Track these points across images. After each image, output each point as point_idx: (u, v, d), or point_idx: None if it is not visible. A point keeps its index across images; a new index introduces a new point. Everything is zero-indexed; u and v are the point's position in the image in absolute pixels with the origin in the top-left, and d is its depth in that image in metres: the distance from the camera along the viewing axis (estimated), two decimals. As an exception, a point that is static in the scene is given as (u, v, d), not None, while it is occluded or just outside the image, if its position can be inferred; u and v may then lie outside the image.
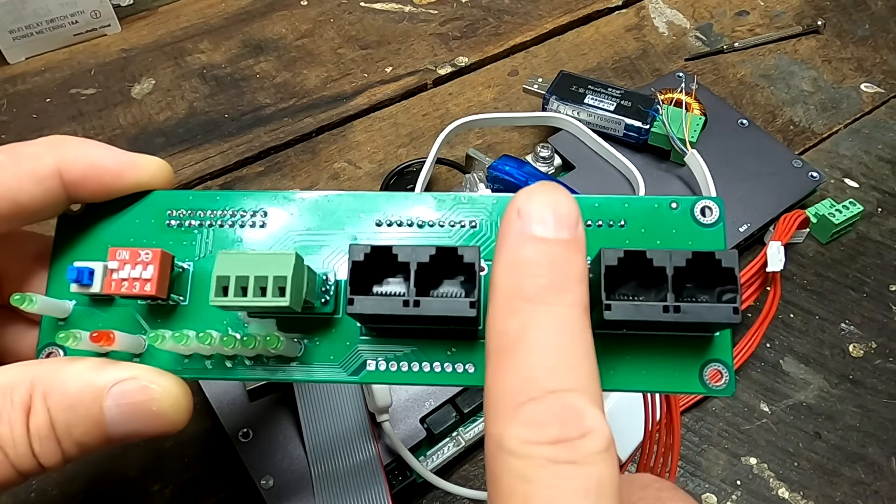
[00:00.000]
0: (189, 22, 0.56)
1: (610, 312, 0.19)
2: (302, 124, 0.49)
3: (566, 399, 0.15)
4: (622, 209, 0.22)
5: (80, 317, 0.22)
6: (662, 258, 0.19)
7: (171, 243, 0.23)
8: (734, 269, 0.19)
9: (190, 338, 0.20)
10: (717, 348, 0.21)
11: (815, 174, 0.43)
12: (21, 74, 0.52)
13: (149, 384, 0.20)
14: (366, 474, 0.31)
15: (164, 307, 0.22)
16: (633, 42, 0.56)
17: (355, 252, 0.19)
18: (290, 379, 0.22)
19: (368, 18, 0.57)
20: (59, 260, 0.23)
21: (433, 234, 0.22)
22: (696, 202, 0.22)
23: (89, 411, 0.19)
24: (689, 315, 0.19)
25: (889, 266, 0.44)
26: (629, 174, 0.42)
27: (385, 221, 0.22)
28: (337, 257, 0.22)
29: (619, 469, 0.34)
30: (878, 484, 0.35)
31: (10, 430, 0.18)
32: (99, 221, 0.23)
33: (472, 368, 0.21)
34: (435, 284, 0.20)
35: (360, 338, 0.22)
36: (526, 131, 0.50)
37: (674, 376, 0.21)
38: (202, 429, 0.35)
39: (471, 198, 0.22)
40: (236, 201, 0.23)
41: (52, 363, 0.20)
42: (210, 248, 0.22)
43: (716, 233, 0.21)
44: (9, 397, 0.18)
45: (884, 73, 0.55)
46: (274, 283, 0.19)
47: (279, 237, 0.22)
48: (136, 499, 0.33)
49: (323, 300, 0.21)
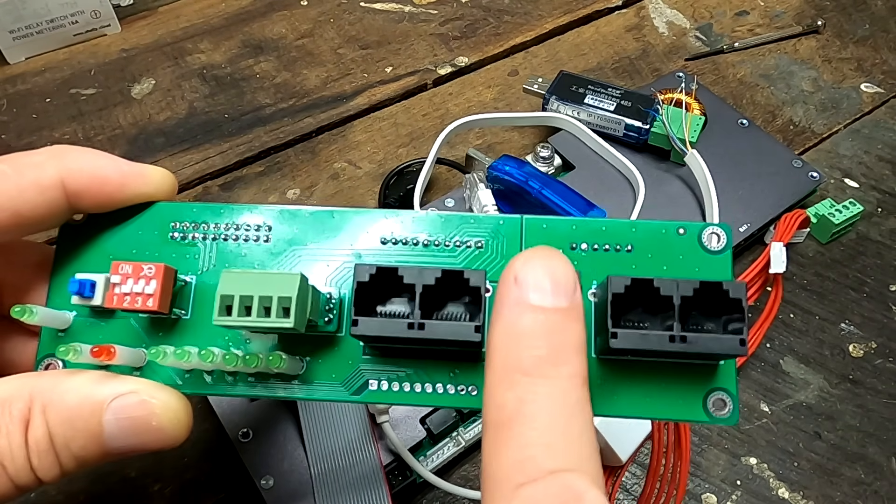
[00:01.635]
0: (189, 22, 0.56)
1: (616, 341, 0.19)
2: (302, 124, 0.49)
3: (566, 480, 0.15)
4: (629, 234, 0.22)
5: (81, 328, 0.22)
6: (670, 287, 0.19)
7: (173, 256, 0.22)
8: (741, 300, 0.19)
9: (192, 354, 0.20)
10: (721, 377, 0.21)
11: (815, 174, 0.43)
12: (21, 74, 0.52)
13: (149, 399, 0.19)
14: (366, 475, 0.31)
15: (165, 321, 0.22)
16: (633, 42, 0.56)
17: (360, 272, 0.19)
18: (291, 397, 0.21)
19: (368, 18, 0.57)
20: (60, 270, 0.22)
21: (439, 254, 0.22)
22: (703, 228, 0.21)
23: (88, 425, 0.19)
24: (695, 346, 0.18)
25: (889, 266, 0.44)
26: (629, 174, 0.42)
27: (390, 240, 0.22)
28: (341, 274, 0.22)
29: (621, 469, 0.34)
30: (878, 484, 0.35)
31: (8, 443, 0.18)
32: (101, 232, 0.23)
33: (475, 391, 0.21)
34: (439, 306, 0.20)
35: (363, 357, 0.21)
36: (526, 131, 0.50)
37: (677, 404, 0.20)
38: (202, 429, 0.35)
39: (477, 218, 0.22)
40: (240, 215, 0.23)
41: (52, 376, 0.19)
42: (213, 262, 0.22)
43: (723, 260, 0.21)
44: (7, 410, 0.18)
45: (884, 73, 0.55)
46: (278, 303, 0.19)
47: (283, 253, 0.22)
48: (136, 499, 0.33)
49: (326, 319, 0.21)
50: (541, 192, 0.39)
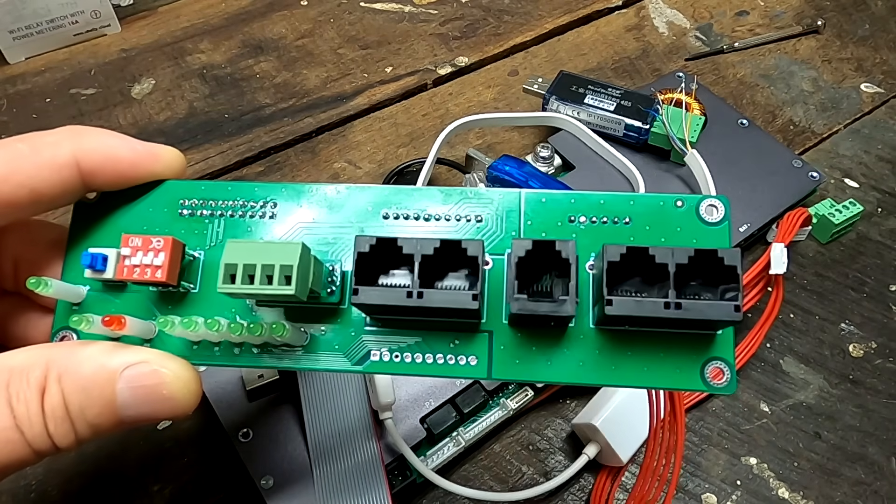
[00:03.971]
0: (189, 22, 0.56)
1: (611, 308, 0.19)
2: (302, 124, 0.49)
3: None
4: (627, 206, 0.22)
5: (94, 302, 0.23)
6: (665, 255, 0.19)
7: (182, 232, 0.23)
8: (736, 267, 0.19)
9: (198, 324, 0.20)
10: (719, 346, 0.21)
11: (815, 174, 0.43)
12: (21, 74, 0.52)
13: (160, 368, 0.20)
14: (366, 474, 0.31)
15: (174, 294, 0.22)
16: (633, 42, 0.56)
17: (361, 243, 0.20)
18: (295, 367, 0.22)
19: (368, 18, 0.57)
20: (74, 246, 0.23)
21: (439, 228, 0.22)
22: (701, 200, 0.22)
23: (102, 393, 0.19)
24: (690, 312, 0.19)
25: (889, 266, 0.44)
26: (629, 174, 0.42)
27: (392, 214, 0.23)
28: (344, 248, 0.22)
29: (622, 469, 0.34)
30: (878, 484, 0.35)
31: (26, 409, 0.19)
32: (114, 209, 0.23)
33: (475, 361, 0.21)
34: (440, 277, 0.20)
35: (365, 328, 0.22)
36: (526, 131, 0.50)
37: (675, 373, 0.21)
38: (202, 429, 0.35)
39: (477, 192, 0.23)
40: (248, 192, 0.23)
41: (67, 346, 0.20)
42: (221, 238, 0.23)
43: (721, 231, 0.21)
44: (25, 378, 0.19)
45: (884, 73, 0.55)
46: (280, 271, 0.19)
47: (288, 228, 0.23)
48: (136, 499, 0.33)
49: (329, 290, 0.22)
50: (541, 192, 0.39)
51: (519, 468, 0.35)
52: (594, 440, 0.34)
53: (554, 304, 0.19)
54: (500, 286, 0.22)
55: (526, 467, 0.35)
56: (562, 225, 0.22)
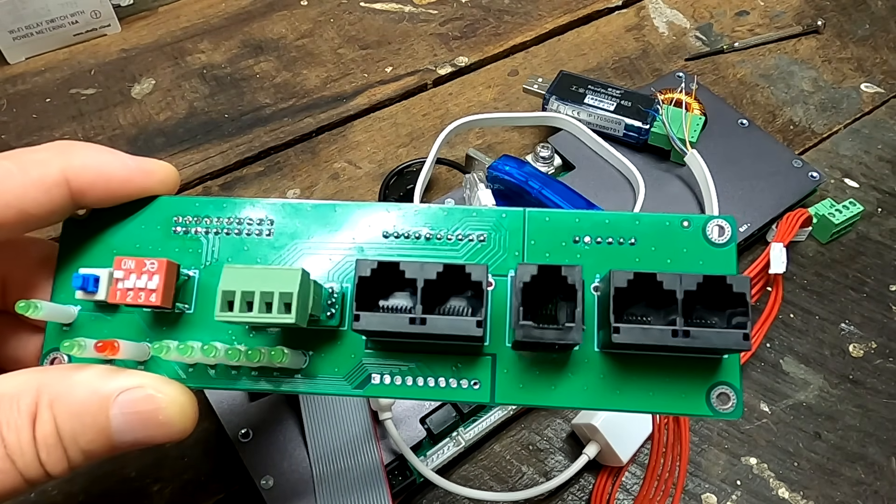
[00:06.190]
0: (189, 22, 0.56)
1: (618, 336, 0.19)
2: (302, 124, 0.49)
3: None
4: (632, 226, 0.21)
5: (85, 322, 0.22)
6: (672, 281, 0.19)
7: (176, 250, 0.22)
8: (745, 294, 0.18)
9: (195, 349, 0.20)
10: (725, 371, 0.20)
11: (815, 174, 0.43)
12: (21, 74, 0.52)
13: (155, 393, 0.19)
14: (366, 474, 0.31)
15: (169, 315, 0.22)
16: (633, 42, 0.56)
17: (362, 267, 0.19)
18: (294, 391, 0.21)
19: (368, 18, 0.57)
20: (64, 265, 0.22)
21: (441, 248, 0.22)
22: (707, 221, 0.21)
23: (96, 419, 0.19)
24: (698, 340, 0.18)
25: (889, 266, 0.44)
26: (629, 174, 0.42)
27: (392, 233, 0.22)
28: (343, 268, 0.22)
29: (622, 469, 0.34)
30: (878, 484, 0.35)
31: (17, 437, 0.18)
32: (105, 226, 0.23)
33: (478, 385, 0.21)
34: (442, 300, 0.20)
35: (366, 351, 0.21)
36: (526, 131, 0.50)
37: (681, 398, 0.20)
38: (202, 429, 0.35)
39: (479, 211, 0.22)
40: (243, 209, 0.23)
41: (59, 370, 0.20)
42: (216, 256, 0.22)
43: (727, 253, 0.21)
44: (15, 405, 0.18)
45: (884, 73, 0.55)
46: (280, 299, 0.19)
47: (285, 247, 0.22)
48: (136, 499, 0.33)
49: (329, 313, 0.21)
50: (541, 192, 0.39)
51: (519, 468, 0.35)
52: (594, 440, 0.34)
53: (560, 332, 0.19)
54: (503, 308, 0.21)
55: (526, 467, 0.35)
56: (566, 245, 0.21)
